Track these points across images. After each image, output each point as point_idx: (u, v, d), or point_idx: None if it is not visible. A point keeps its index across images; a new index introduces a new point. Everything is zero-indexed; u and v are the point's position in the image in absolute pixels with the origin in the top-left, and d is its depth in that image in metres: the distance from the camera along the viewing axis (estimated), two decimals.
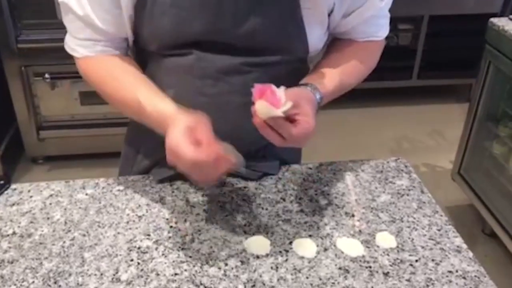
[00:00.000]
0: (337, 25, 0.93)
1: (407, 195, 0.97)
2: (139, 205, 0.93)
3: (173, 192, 0.97)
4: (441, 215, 0.92)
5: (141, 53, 0.94)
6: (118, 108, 0.93)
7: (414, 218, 0.92)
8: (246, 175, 0.99)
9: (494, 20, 1.96)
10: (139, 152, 1.06)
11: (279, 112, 0.73)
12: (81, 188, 0.98)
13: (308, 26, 0.88)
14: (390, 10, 0.97)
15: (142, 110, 0.84)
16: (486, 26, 1.98)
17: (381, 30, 0.98)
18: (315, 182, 1.00)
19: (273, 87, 0.74)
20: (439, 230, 0.89)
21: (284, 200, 0.96)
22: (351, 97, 1.35)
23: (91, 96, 2.45)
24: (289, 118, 0.76)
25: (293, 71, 0.92)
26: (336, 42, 0.98)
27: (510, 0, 2.55)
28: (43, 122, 2.48)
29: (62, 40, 0.93)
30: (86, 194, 0.96)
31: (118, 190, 0.97)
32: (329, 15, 0.90)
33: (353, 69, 0.96)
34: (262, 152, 1.02)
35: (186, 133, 0.73)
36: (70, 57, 0.94)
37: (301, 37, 0.89)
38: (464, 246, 0.86)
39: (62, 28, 0.93)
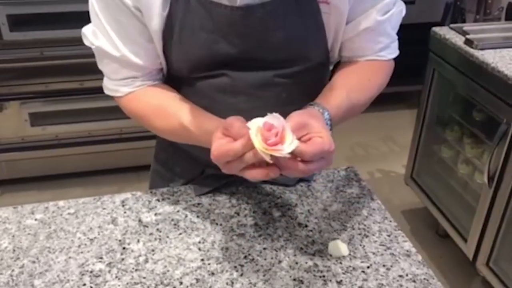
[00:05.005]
0: None
1: (358, 202, 1.00)
2: (91, 228, 0.92)
3: (125, 212, 0.96)
4: (390, 221, 0.95)
5: (172, 79, 0.95)
6: (170, 138, 0.96)
7: (365, 225, 0.94)
8: (283, 181, 1.03)
9: (435, 29, 2.04)
10: (175, 171, 1.08)
11: (267, 157, 0.68)
12: (30, 213, 0.96)
13: (327, 31, 0.89)
14: None
15: (190, 134, 0.87)
16: (429, 35, 2.06)
17: (384, 50, 0.95)
18: (269, 195, 1.02)
19: (278, 126, 0.68)
20: (389, 235, 0.92)
21: (238, 214, 0.96)
22: None
23: (42, 117, 2.41)
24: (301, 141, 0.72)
25: (317, 77, 0.94)
26: (341, 65, 0.97)
27: (449, 9, 2.66)
28: None
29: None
30: (36, 219, 0.94)
31: (69, 213, 0.95)
32: None
33: (361, 86, 0.94)
34: None
35: (219, 132, 0.73)
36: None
37: (322, 42, 0.91)
38: (413, 250, 0.89)
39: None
